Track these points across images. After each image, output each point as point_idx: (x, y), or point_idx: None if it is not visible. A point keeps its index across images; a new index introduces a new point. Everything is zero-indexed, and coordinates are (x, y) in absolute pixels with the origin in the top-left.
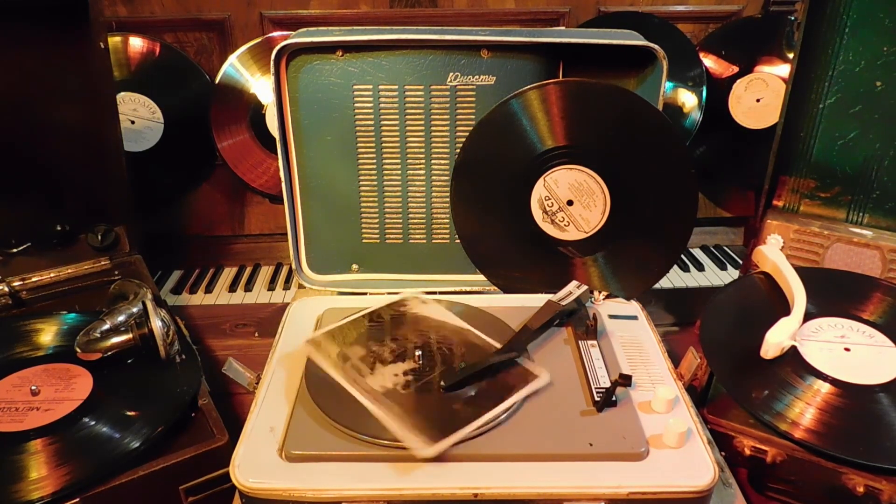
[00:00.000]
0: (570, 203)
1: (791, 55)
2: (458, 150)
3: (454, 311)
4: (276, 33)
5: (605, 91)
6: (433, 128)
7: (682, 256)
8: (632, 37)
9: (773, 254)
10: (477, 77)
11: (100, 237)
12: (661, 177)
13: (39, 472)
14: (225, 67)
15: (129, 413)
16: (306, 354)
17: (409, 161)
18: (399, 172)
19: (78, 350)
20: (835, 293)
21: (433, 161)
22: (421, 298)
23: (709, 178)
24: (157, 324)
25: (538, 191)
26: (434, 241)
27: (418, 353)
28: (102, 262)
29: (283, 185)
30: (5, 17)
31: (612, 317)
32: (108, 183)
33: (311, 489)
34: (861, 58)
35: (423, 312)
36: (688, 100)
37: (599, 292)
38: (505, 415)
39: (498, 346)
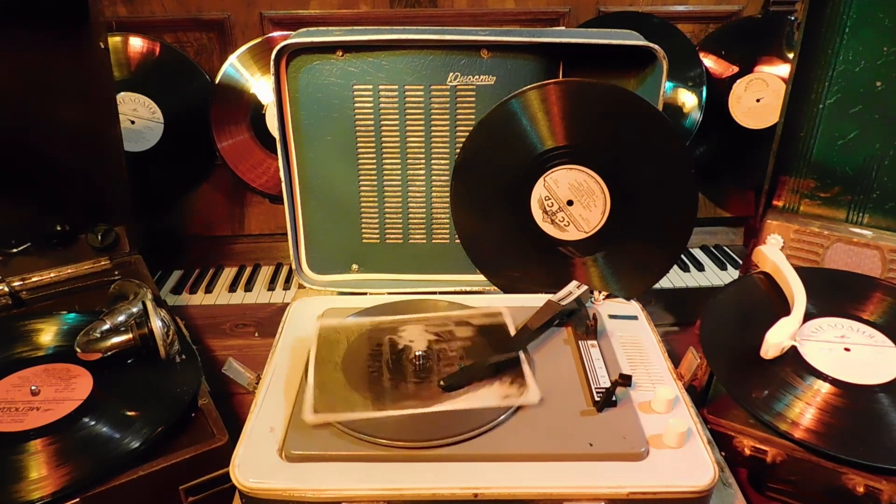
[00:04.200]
0: (570, 203)
1: (791, 55)
2: (458, 150)
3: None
4: (276, 33)
5: (605, 91)
6: (433, 128)
7: (682, 256)
8: (632, 37)
9: (773, 254)
10: (477, 77)
11: (100, 237)
12: (661, 177)
13: (39, 472)
14: (225, 67)
15: (129, 413)
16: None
17: (409, 161)
18: (399, 172)
19: (78, 350)
20: (835, 293)
21: (433, 161)
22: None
23: (709, 178)
24: (157, 324)
25: (538, 191)
26: (434, 241)
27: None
28: (102, 262)
29: (283, 185)
30: (5, 17)
31: (612, 317)
32: (108, 183)
33: (311, 489)
34: (861, 58)
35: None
36: (688, 100)
37: (599, 292)
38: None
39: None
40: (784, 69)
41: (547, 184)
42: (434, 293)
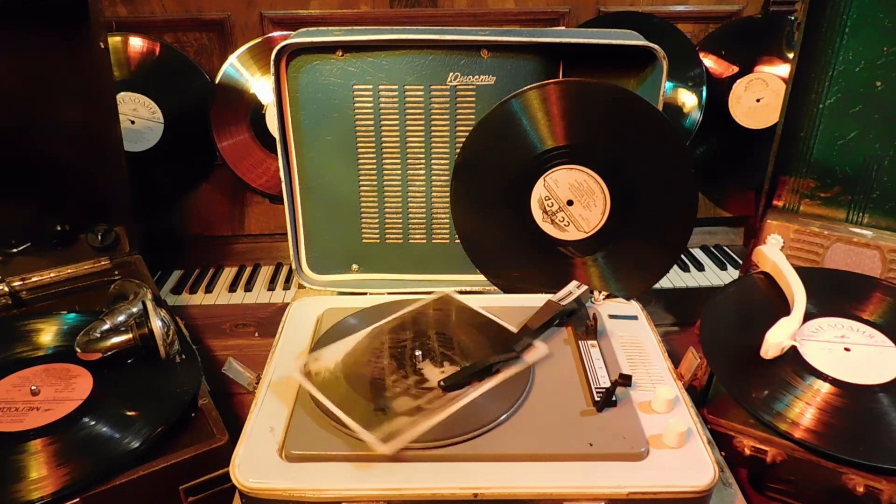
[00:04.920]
0: (570, 203)
1: (791, 55)
2: (458, 150)
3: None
4: (276, 33)
5: (605, 91)
6: (433, 128)
7: (682, 256)
8: (632, 37)
9: (773, 254)
10: (477, 77)
11: (100, 237)
12: (661, 177)
13: (39, 472)
14: (225, 67)
15: (129, 413)
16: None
17: (409, 161)
18: (399, 172)
19: (78, 350)
20: (835, 293)
21: (433, 161)
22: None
23: (709, 178)
24: (157, 324)
25: (538, 191)
26: (434, 241)
27: (419, 353)
28: (102, 262)
29: (283, 185)
30: (5, 17)
31: (612, 317)
32: (108, 183)
33: (311, 489)
34: (861, 58)
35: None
36: (688, 100)
37: (599, 292)
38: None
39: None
40: (784, 69)
41: (547, 184)
42: (433, 293)
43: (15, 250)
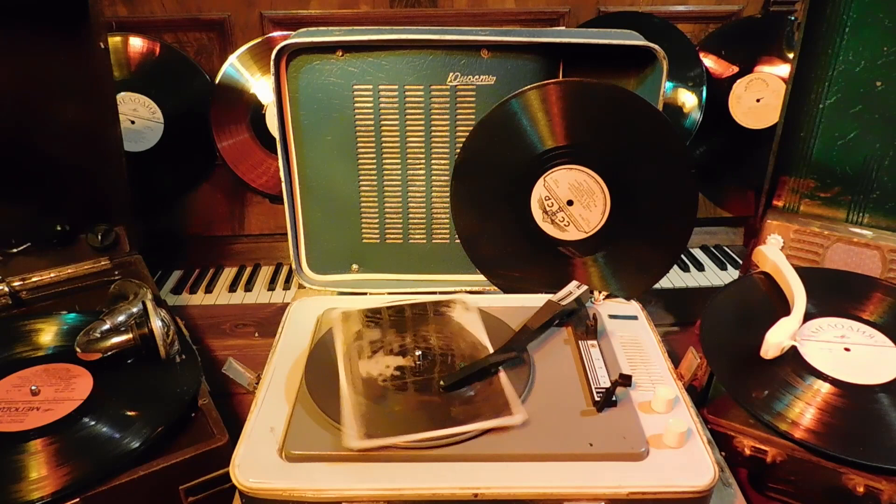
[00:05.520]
0: (570, 203)
1: (791, 55)
2: (458, 150)
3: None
4: (276, 33)
5: (605, 91)
6: (433, 128)
7: (682, 256)
8: (632, 37)
9: (773, 254)
10: (477, 77)
11: (100, 237)
12: (661, 177)
13: (39, 472)
14: (225, 67)
15: (129, 413)
16: (332, 322)
17: (409, 161)
18: (399, 172)
19: (78, 350)
20: (835, 293)
21: (433, 161)
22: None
23: (709, 178)
24: (157, 324)
25: (538, 191)
26: (434, 241)
27: (419, 353)
28: (102, 262)
29: (283, 185)
30: (5, 17)
31: (612, 317)
32: (108, 183)
33: (311, 489)
34: (861, 58)
35: (457, 318)
36: (688, 100)
37: (599, 292)
38: (454, 439)
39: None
40: (784, 69)
41: (547, 184)
42: (434, 293)
43: (15, 250)
